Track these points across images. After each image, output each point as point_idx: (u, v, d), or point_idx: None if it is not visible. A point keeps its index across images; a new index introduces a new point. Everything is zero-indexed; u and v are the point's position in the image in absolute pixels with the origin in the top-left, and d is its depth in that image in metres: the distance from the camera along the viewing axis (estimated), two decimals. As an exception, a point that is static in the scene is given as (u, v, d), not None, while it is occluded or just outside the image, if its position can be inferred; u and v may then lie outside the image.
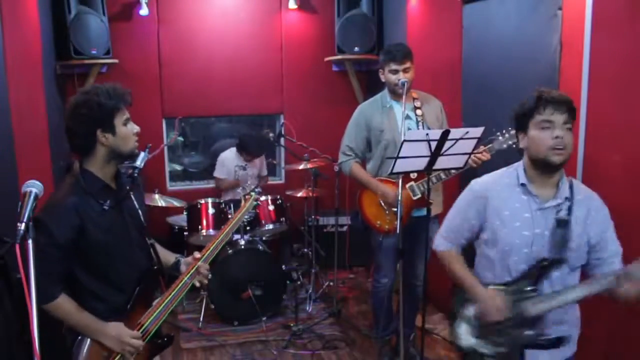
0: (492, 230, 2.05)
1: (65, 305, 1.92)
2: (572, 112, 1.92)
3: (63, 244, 1.88)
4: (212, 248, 2.15)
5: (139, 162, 2.04)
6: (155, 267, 2.16)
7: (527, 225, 1.98)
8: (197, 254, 2.15)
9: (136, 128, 2.03)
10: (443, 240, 2.25)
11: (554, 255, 1.93)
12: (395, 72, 3.22)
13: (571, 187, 1.99)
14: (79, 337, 1.97)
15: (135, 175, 2.04)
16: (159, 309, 2.09)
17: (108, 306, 2.01)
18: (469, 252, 2.23)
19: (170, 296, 2.10)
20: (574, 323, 2.07)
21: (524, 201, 2.00)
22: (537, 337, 1.96)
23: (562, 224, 1.94)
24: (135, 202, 2.11)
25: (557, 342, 1.95)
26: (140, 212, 2.12)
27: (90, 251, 1.95)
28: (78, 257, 1.94)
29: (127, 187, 2.07)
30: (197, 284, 2.15)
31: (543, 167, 1.95)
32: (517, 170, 2.05)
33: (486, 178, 2.13)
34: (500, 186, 2.05)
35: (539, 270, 1.95)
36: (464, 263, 2.20)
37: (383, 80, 3.32)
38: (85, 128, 1.93)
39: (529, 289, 1.96)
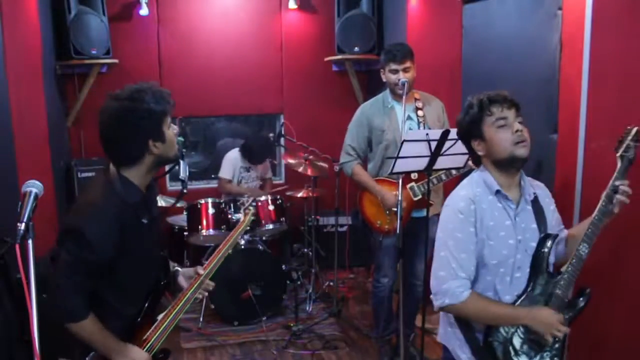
0: (480, 244, 1.92)
1: (92, 325, 1.80)
2: (517, 107, 1.91)
3: (102, 260, 1.76)
4: (214, 263, 2.13)
5: (183, 174, 1.94)
6: (163, 281, 2.08)
7: (510, 233, 1.92)
8: (199, 269, 2.09)
9: (176, 128, 1.90)
10: (462, 282, 1.88)
11: (544, 232, 1.95)
12: (396, 72, 3.22)
13: (530, 184, 2.02)
14: (90, 356, 1.88)
15: (185, 191, 1.95)
16: (164, 325, 2.01)
17: (123, 322, 1.92)
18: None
19: (175, 312, 2.03)
20: None
21: (500, 209, 1.93)
22: (585, 304, 1.98)
23: (535, 200, 1.98)
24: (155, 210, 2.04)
25: (589, 294, 1.98)
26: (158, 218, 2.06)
27: (121, 267, 1.83)
28: (107, 273, 1.82)
29: (157, 199, 2.00)
30: (200, 297, 2.12)
31: (509, 166, 1.91)
32: (483, 178, 1.96)
33: (461, 192, 1.97)
34: (479, 196, 1.93)
35: (544, 257, 1.92)
36: (486, 297, 1.93)
37: (384, 80, 3.33)
38: (137, 139, 1.78)
39: (553, 281, 1.92)
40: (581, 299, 1.98)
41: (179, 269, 2.17)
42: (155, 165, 1.88)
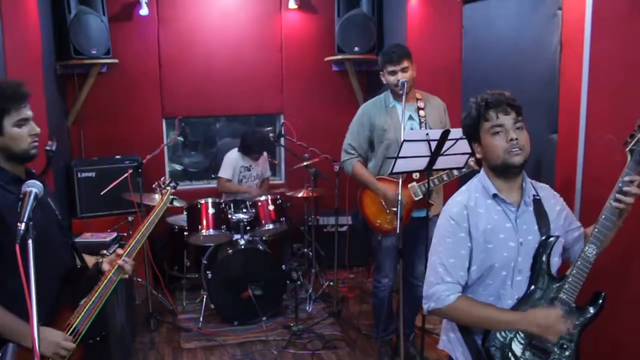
0: (477, 249, 1.90)
1: None
2: (517, 109, 1.87)
3: None
4: (133, 244, 2.15)
5: (49, 147, 2.00)
6: (80, 267, 2.10)
7: (511, 235, 1.89)
8: (119, 250, 2.13)
9: (35, 130, 1.95)
10: (449, 287, 1.87)
11: (545, 233, 1.90)
12: (394, 73, 3.23)
13: (533, 186, 1.99)
14: (5, 346, 1.85)
15: (50, 155, 1.97)
16: (87, 308, 2.02)
17: (38, 309, 1.89)
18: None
19: (97, 294, 2.04)
20: None
21: (500, 212, 1.91)
22: (595, 313, 1.91)
23: (537, 202, 1.95)
24: (49, 199, 2.07)
25: (603, 300, 1.93)
26: (55, 209, 2.08)
27: (10, 244, 1.79)
28: (2, 255, 1.82)
29: (40, 179, 1.99)
30: (127, 277, 2.13)
31: (505, 172, 1.89)
32: (481, 182, 1.95)
33: (457, 198, 1.96)
34: (474, 201, 1.92)
35: (544, 260, 1.88)
36: (477, 301, 1.91)
37: (384, 82, 3.33)
38: None
39: (556, 284, 1.87)
40: (594, 304, 1.92)
41: (102, 259, 2.19)
42: (6, 156, 1.92)
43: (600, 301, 1.93)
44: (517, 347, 1.87)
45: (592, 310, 1.92)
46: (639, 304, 2.51)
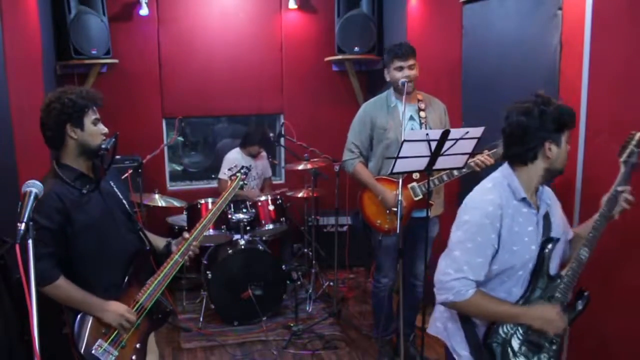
0: (503, 249, 1.92)
1: (65, 285, 2.05)
2: None
3: (52, 226, 2.01)
4: (199, 228, 2.34)
5: (105, 145, 2.18)
6: (147, 249, 2.30)
7: (532, 238, 1.95)
8: (186, 234, 2.33)
9: (104, 129, 2.20)
10: (469, 283, 1.90)
11: (546, 235, 1.98)
12: (401, 68, 3.23)
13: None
14: (80, 314, 2.09)
15: (102, 153, 2.16)
16: (152, 286, 2.24)
17: (102, 287, 2.15)
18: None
19: (163, 274, 2.26)
20: None
21: (525, 214, 1.94)
22: (584, 307, 2.03)
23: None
24: (116, 190, 2.27)
25: (588, 297, 2.04)
26: (123, 199, 2.27)
27: (79, 235, 2.07)
28: (69, 245, 2.07)
29: (102, 173, 2.22)
30: (187, 263, 2.31)
31: (553, 176, 1.98)
32: (507, 180, 1.95)
33: (489, 196, 1.93)
34: (507, 201, 1.93)
35: (543, 260, 1.94)
36: (489, 295, 1.96)
37: (388, 79, 3.33)
38: (56, 121, 2.09)
39: (553, 284, 1.97)
40: (580, 301, 2.04)
41: (172, 240, 2.43)
42: (80, 151, 2.14)
43: (585, 297, 2.04)
44: (515, 343, 1.95)
45: (580, 305, 2.03)
46: (626, 300, 2.54)
